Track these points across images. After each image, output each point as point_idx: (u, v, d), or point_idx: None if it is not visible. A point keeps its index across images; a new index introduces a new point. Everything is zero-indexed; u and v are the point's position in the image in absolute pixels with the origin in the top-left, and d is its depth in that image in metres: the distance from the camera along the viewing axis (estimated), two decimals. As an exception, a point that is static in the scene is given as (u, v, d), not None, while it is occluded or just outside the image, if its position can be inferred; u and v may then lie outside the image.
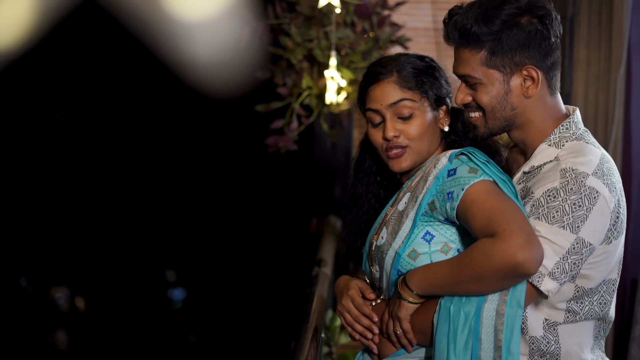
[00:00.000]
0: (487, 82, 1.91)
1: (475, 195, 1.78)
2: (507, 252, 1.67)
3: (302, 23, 3.70)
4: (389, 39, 3.68)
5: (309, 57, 3.72)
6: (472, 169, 1.83)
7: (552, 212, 1.79)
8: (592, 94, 4.02)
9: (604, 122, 3.99)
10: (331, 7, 3.31)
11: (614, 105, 3.96)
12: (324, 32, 3.65)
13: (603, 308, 1.92)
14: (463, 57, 1.93)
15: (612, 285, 1.93)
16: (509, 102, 1.92)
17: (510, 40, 1.87)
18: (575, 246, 1.78)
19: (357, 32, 3.70)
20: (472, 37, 1.88)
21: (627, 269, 4.09)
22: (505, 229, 1.69)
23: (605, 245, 1.84)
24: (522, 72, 1.90)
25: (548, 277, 1.77)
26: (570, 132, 1.93)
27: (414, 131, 1.96)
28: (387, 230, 1.96)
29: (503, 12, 1.86)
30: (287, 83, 3.79)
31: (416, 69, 1.98)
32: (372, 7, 3.67)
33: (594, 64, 4.01)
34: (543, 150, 1.93)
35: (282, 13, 3.75)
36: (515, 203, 1.76)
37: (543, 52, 1.90)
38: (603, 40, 3.99)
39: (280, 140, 3.79)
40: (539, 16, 1.88)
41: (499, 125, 1.95)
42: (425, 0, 4.21)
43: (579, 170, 1.81)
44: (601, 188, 1.81)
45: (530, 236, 1.69)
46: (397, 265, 1.90)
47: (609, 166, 1.87)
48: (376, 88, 1.98)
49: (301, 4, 3.71)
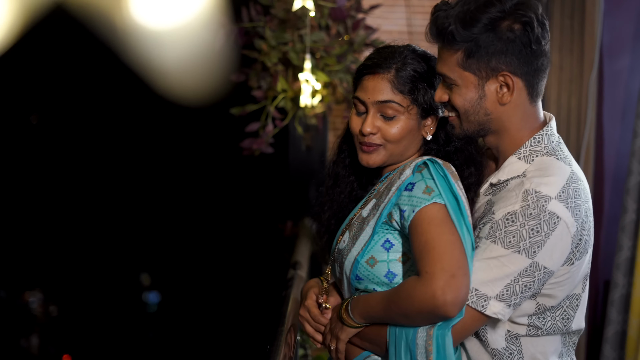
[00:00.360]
0: (462, 84, 1.85)
1: (420, 221, 1.78)
2: (427, 296, 1.69)
3: (277, 26, 3.70)
4: (364, 42, 3.69)
5: (284, 60, 3.72)
6: (427, 188, 1.82)
7: (509, 236, 1.75)
8: (564, 97, 4.04)
9: (577, 125, 4.02)
10: (305, 10, 3.31)
11: (587, 108, 3.99)
12: (298, 35, 3.65)
13: (566, 323, 1.89)
14: (442, 55, 1.87)
15: (575, 300, 1.89)
16: (483, 107, 1.86)
17: (488, 45, 1.80)
18: (528, 269, 1.75)
19: (332, 35, 3.70)
20: (449, 37, 1.82)
21: (600, 271, 4.13)
22: (428, 271, 1.71)
23: (567, 267, 1.81)
24: (498, 78, 1.83)
25: (495, 299, 1.75)
26: (542, 145, 1.87)
27: (392, 133, 1.92)
28: (349, 234, 1.96)
29: (485, 15, 1.79)
30: (262, 86, 3.78)
31: (416, 72, 1.93)
32: (347, 11, 3.67)
33: (567, 68, 4.03)
34: (512, 164, 1.88)
35: (256, 16, 3.74)
36: (450, 237, 1.74)
37: (523, 59, 1.82)
38: (575, 44, 4.02)
39: (255, 143, 3.79)
40: (521, 22, 1.80)
41: (474, 128, 1.90)
42: (399, 3, 4.22)
43: (542, 193, 1.76)
44: (563, 213, 1.76)
45: (451, 279, 1.68)
46: (356, 271, 1.90)
47: (576, 187, 1.82)
48: (370, 79, 1.94)
49: (276, 7, 3.70)
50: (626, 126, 4.07)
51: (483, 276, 1.76)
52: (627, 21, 4.06)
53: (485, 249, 1.78)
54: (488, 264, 1.76)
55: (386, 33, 4.15)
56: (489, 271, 1.76)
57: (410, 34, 4.17)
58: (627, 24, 4.07)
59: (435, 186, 1.81)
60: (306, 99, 3.52)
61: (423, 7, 4.20)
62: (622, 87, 4.09)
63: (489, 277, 1.76)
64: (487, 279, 1.76)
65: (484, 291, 1.75)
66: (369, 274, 1.88)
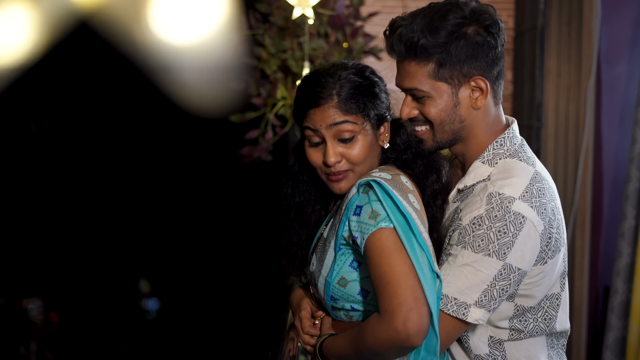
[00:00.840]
0: (435, 95, 1.86)
1: (371, 252, 1.78)
2: (390, 334, 1.71)
3: (276, 34, 3.71)
4: (362, 49, 3.71)
5: (283, 67, 3.73)
6: (372, 212, 1.79)
7: (478, 240, 1.77)
8: (562, 104, 4.06)
9: (575, 131, 4.03)
10: (305, 18, 3.32)
11: (585, 114, 4.00)
12: (297, 42, 3.66)
13: (549, 323, 1.91)
14: (409, 70, 1.87)
15: (555, 300, 1.91)
16: (458, 114, 1.88)
17: (459, 52, 1.82)
18: (502, 272, 1.77)
19: (331, 43, 3.71)
20: (420, 49, 1.82)
21: (599, 277, 4.13)
22: (387, 309, 1.72)
23: (540, 266, 1.83)
24: (471, 83, 1.86)
25: (474, 306, 1.77)
26: (505, 148, 1.91)
27: (355, 155, 1.90)
28: (316, 257, 1.96)
29: (448, 23, 1.81)
30: (262, 93, 3.80)
31: (356, 90, 1.89)
32: (345, 18, 3.69)
33: (565, 75, 4.05)
34: (477, 168, 1.91)
35: (256, 24, 3.76)
36: (402, 267, 1.73)
37: (490, 62, 1.86)
38: (573, 51, 4.03)
39: (255, 150, 3.80)
40: (485, 26, 1.83)
41: (447, 138, 1.92)
42: (397, 11, 4.23)
43: (505, 195, 1.79)
44: (528, 212, 1.78)
45: (410, 312, 1.69)
46: (329, 292, 1.90)
47: (540, 186, 1.84)
48: (316, 112, 1.89)
49: (275, 15, 3.71)
50: (624, 132, 4.07)
51: (459, 284, 1.78)
52: (625, 28, 4.07)
53: (457, 256, 1.80)
54: (462, 271, 1.78)
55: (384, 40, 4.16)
56: (463, 279, 1.78)
57: (409, 41, 4.18)
58: (624, 31, 4.08)
59: (381, 208, 1.79)
60: (305, 106, 3.53)
61: (422, 14, 4.21)
62: (620, 94, 4.10)
63: (465, 284, 1.77)
64: (464, 287, 1.77)
65: (463, 299, 1.77)
66: (343, 294, 1.89)
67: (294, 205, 2.09)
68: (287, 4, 3.54)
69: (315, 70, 1.98)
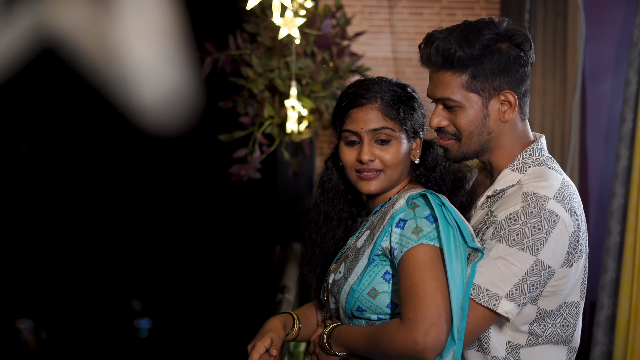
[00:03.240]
0: (467, 105, 1.94)
1: (406, 264, 1.83)
2: (407, 342, 1.76)
3: (263, 53, 3.74)
4: (349, 68, 3.73)
5: (270, 87, 3.76)
6: (416, 227, 1.86)
7: (513, 234, 1.83)
8: (548, 121, 4.09)
9: (561, 148, 4.06)
10: (291, 38, 3.35)
11: (570, 132, 4.04)
12: (284, 62, 3.69)
13: (566, 330, 1.96)
14: (443, 80, 1.96)
15: (574, 309, 1.97)
16: (487, 126, 1.96)
17: (492, 65, 1.91)
18: (534, 268, 1.82)
19: (317, 62, 3.74)
20: (457, 60, 1.91)
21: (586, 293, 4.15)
22: (410, 318, 1.77)
23: (566, 269, 1.89)
24: (500, 96, 1.94)
25: (505, 298, 1.82)
26: (534, 157, 1.98)
27: (389, 158, 1.98)
28: (344, 265, 2.00)
29: (484, 37, 1.90)
30: (249, 112, 3.82)
31: (398, 97, 2.00)
32: (332, 38, 3.72)
33: (550, 92, 4.08)
34: (506, 175, 1.98)
35: (243, 44, 3.79)
36: (433, 283, 1.79)
37: (520, 78, 1.95)
38: (558, 69, 4.07)
39: (243, 168, 3.82)
40: (517, 43, 1.93)
41: (474, 149, 1.99)
42: (384, 30, 4.27)
43: (540, 194, 1.86)
44: (561, 212, 1.85)
45: (432, 326, 1.75)
46: (351, 300, 1.94)
47: (570, 191, 1.91)
48: (359, 112, 1.99)
49: (262, 35, 3.74)
50: (609, 149, 4.10)
51: (492, 276, 1.83)
52: (609, 46, 4.11)
53: (491, 249, 1.86)
54: (495, 263, 1.84)
55: (371, 59, 4.20)
56: (497, 271, 1.83)
57: (395, 59, 4.22)
58: (608, 49, 4.12)
59: (426, 225, 1.86)
60: (292, 125, 3.56)
61: (408, 33, 4.25)
62: (605, 111, 4.14)
63: (498, 277, 1.83)
64: (496, 279, 1.83)
65: (495, 291, 1.82)
66: (371, 305, 1.92)
67: (323, 216, 2.16)
68: (274, 25, 3.58)
69: (361, 79, 2.11)
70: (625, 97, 3.71)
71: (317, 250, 2.16)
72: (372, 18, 4.26)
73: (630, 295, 3.63)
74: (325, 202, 2.17)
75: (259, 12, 3.76)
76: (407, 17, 4.28)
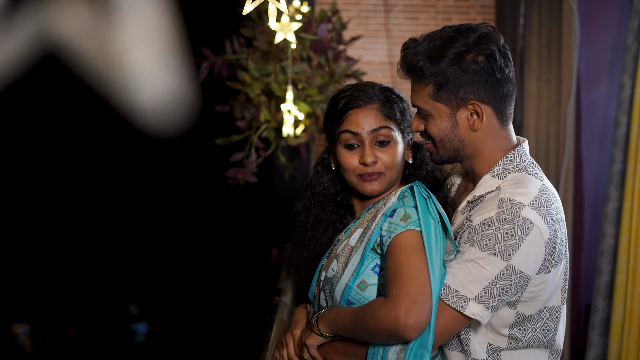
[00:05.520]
0: (435, 114, 1.95)
1: (394, 247, 1.87)
2: (389, 317, 1.78)
3: (260, 58, 3.76)
4: (345, 73, 3.75)
5: (267, 91, 3.77)
6: (405, 215, 1.91)
7: (485, 239, 1.84)
8: (543, 125, 4.11)
9: (555, 152, 4.08)
10: (287, 42, 3.38)
11: (565, 136, 4.06)
12: (280, 66, 3.71)
13: (547, 334, 1.96)
14: (414, 89, 1.98)
15: (555, 313, 1.97)
16: (457, 134, 1.96)
17: (455, 77, 1.90)
18: (504, 272, 1.83)
19: (313, 67, 3.76)
20: (419, 72, 1.93)
21: (581, 295, 4.17)
22: (394, 294, 1.79)
23: (544, 275, 1.89)
24: (468, 106, 1.93)
25: (474, 301, 1.83)
26: (514, 163, 1.98)
27: (389, 159, 2.02)
28: (337, 263, 2.02)
29: (450, 50, 1.90)
30: (246, 116, 3.84)
31: (392, 99, 2.04)
32: (328, 42, 3.73)
33: (545, 97, 4.10)
34: (486, 181, 1.98)
35: (239, 48, 3.81)
36: (418, 264, 1.82)
37: (489, 87, 1.92)
38: (553, 73, 4.09)
39: (240, 172, 3.83)
40: (485, 54, 1.91)
41: (449, 154, 2.00)
42: (380, 34, 4.29)
43: (516, 201, 1.86)
44: (536, 219, 1.85)
45: (414, 304, 1.77)
46: (347, 297, 1.96)
47: (548, 198, 1.91)
48: (358, 112, 2.03)
49: (258, 39, 3.76)
50: (604, 153, 4.13)
51: (462, 278, 1.84)
52: (603, 50, 4.14)
53: (464, 252, 1.87)
54: (467, 266, 1.85)
55: (367, 64, 4.22)
56: (467, 273, 1.84)
57: (391, 64, 4.24)
58: (603, 54, 4.14)
59: (414, 212, 1.90)
60: (288, 129, 3.57)
61: (403, 37, 4.24)
62: (599, 115, 4.16)
63: (468, 279, 1.84)
64: (466, 281, 1.84)
65: (464, 293, 1.83)
66: (360, 298, 1.94)
67: (313, 218, 2.19)
68: (270, 29, 3.59)
69: (351, 84, 2.14)
70: (619, 101, 3.74)
71: (305, 252, 2.19)
72: (368, 23, 4.28)
73: (624, 298, 3.65)
74: (315, 205, 2.20)
75: (256, 17, 3.77)
76: (403, 21, 4.30)
